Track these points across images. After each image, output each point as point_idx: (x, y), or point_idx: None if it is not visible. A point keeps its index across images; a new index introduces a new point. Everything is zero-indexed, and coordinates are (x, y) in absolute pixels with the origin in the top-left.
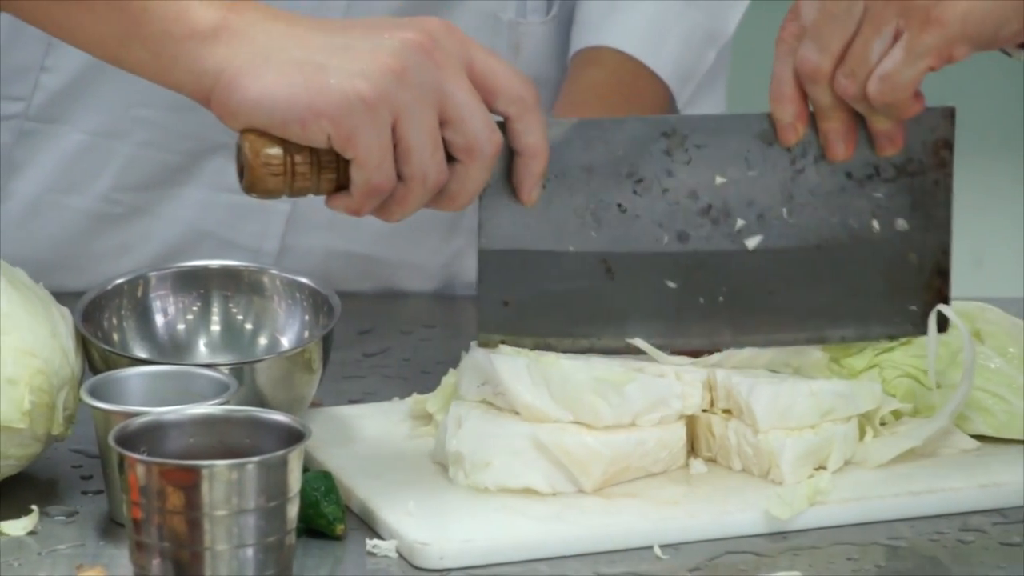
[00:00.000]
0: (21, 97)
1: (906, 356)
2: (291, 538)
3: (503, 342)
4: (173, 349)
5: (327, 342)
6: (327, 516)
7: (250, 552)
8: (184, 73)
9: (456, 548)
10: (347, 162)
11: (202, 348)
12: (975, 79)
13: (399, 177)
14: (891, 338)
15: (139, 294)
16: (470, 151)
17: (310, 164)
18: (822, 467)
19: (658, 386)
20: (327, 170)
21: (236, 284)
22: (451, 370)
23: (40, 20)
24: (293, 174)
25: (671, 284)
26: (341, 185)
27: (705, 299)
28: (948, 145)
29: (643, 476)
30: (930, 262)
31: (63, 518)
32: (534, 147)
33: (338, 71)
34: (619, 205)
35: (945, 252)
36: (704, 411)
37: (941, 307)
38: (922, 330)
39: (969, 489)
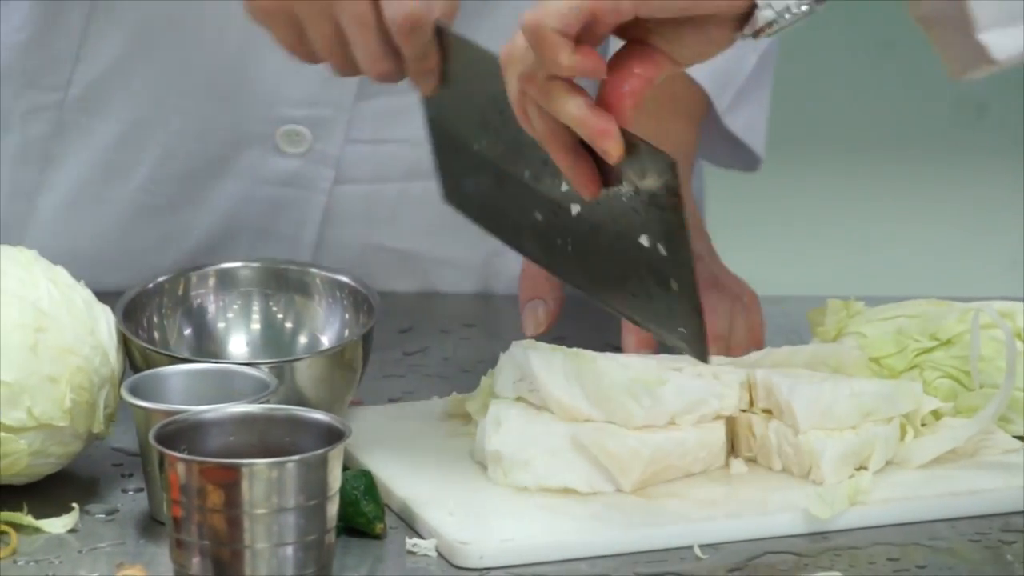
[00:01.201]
0: (57, 87)
1: (947, 356)
2: (331, 537)
3: (459, 206)
4: (214, 347)
5: (367, 341)
6: (367, 515)
7: (290, 550)
8: None
9: (496, 548)
10: None
11: (243, 347)
12: (1007, 80)
13: None
14: (678, 346)
15: (180, 292)
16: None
17: None
18: (863, 467)
19: (695, 387)
20: None
21: (277, 283)
22: (490, 370)
23: None
24: None
25: (538, 216)
26: None
27: (560, 241)
28: (674, 192)
29: (683, 476)
30: (687, 293)
31: (103, 516)
32: (410, 54)
33: None
34: (494, 126)
35: (690, 290)
36: (744, 411)
37: (983, 305)
38: (691, 352)
39: (1010, 490)
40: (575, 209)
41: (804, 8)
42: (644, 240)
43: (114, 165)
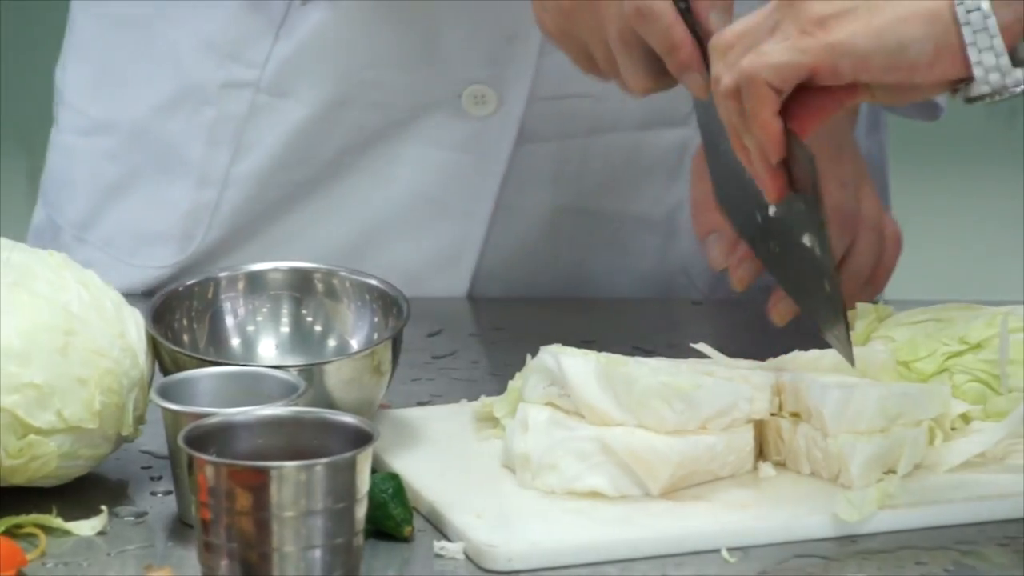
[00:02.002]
0: (255, 64)
1: (976, 360)
2: (359, 539)
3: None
4: (243, 350)
5: (396, 344)
6: (395, 518)
7: (318, 553)
8: None
9: (523, 550)
10: None
11: (272, 350)
12: None
13: None
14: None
15: (209, 295)
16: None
17: None
18: (891, 471)
19: (726, 391)
20: None
21: (306, 286)
22: (518, 373)
23: None
24: None
25: (759, 218)
26: None
27: (771, 242)
28: (815, 186)
29: (711, 480)
30: (834, 296)
31: (132, 519)
32: None
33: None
34: None
35: (838, 294)
36: (772, 415)
37: (1012, 309)
38: (843, 354)
39: None
40: (772, 210)
41: (1020, 89)
42: (806, 239)
43: (301, 148)
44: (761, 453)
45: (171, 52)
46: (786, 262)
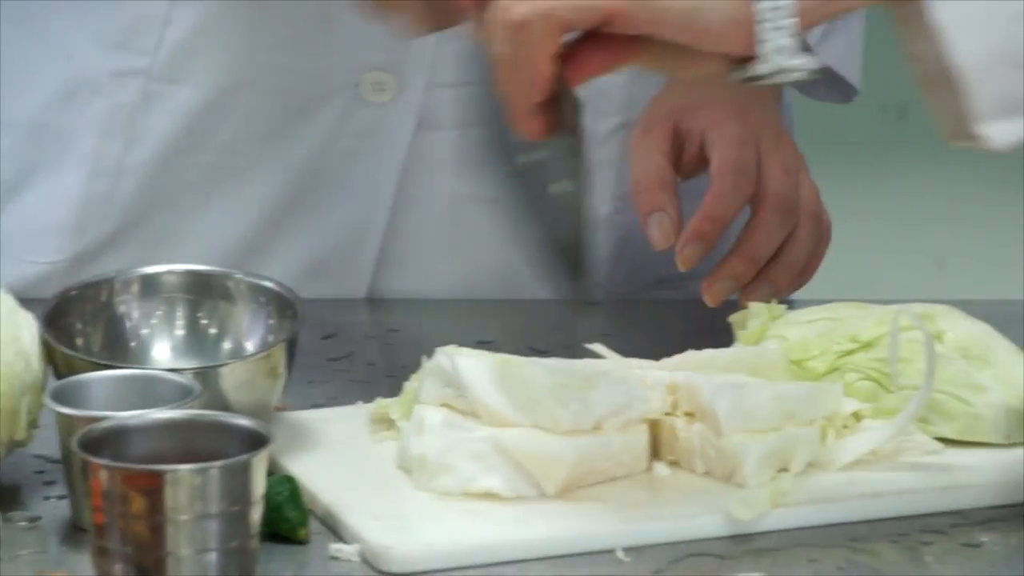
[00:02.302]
0: (146, 51)
1: (868, 359)
2: (254, 543)
3: None
4: (138, 354)
5: (291, 347)
6: (290, 520)
7: (213, 557)
8: None
9: (419, 552)
10: None
11: (167, 353)
12: None
13: None
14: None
15: (103, 298)
16: None
17: None
18: (784, 469)
19: (620, 391)
20: None
21: (201, 289)
22: (413, 375)
23: None
24: None
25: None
26: None
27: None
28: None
29: (606, 480)
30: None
31: (25, 524)
32: None
33: None
34: None
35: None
36: (667, 414)
37: (903, 308)
38: (576, 290)
39: (930, 491)
40: (528, 157)
41: (796, 76)
42: (562, 187)
43: (196, 134)
44: (655, 453)
45: (61, 45)
46: (537, 210)
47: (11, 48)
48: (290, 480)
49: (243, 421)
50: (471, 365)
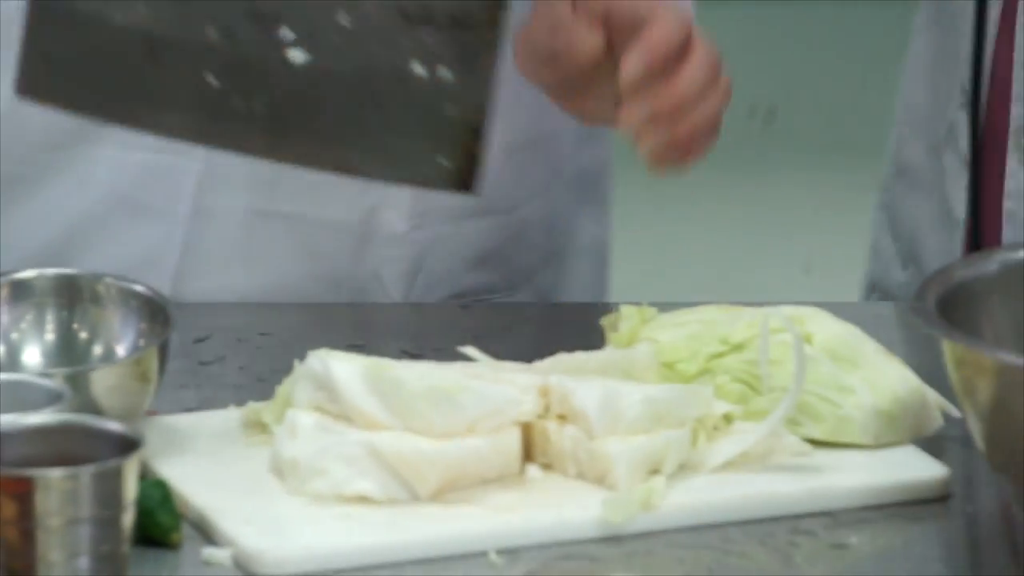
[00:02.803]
0: None
1: (738, 361)
2: (126, 547)
3: (40, 98)
4: (7, 359)
5: (162, 351)
6: (162, 525)
7: (84, 561)
8: None
9: (292, 556)
10: None
11: (37, 357)
12: (797, 85)
13: None
14: (416, 186)
15: None
16: None
17: None
18: (656, 471)
19: (493, 394)
20: None
21: (71, 293)
22: (286, 379)
23: None
24: None
25: (211, 80)
26: None
27: (243, 103)
28: (502, 4)
29: (479, 482)
30: (467, 119)
31: None
32: None
33: None
34: None
35: (481, 111)
36: (539, 417)
37: (772, 310)
38: (447, 186)
39: (799, 493)
40: (299, 57)
41: None
42: (417, 67)
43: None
44: (528, 455)
45: None
46: (299, 119)
47: None
48: (162, 485)
49: (114, 426)
50: (343, 368)
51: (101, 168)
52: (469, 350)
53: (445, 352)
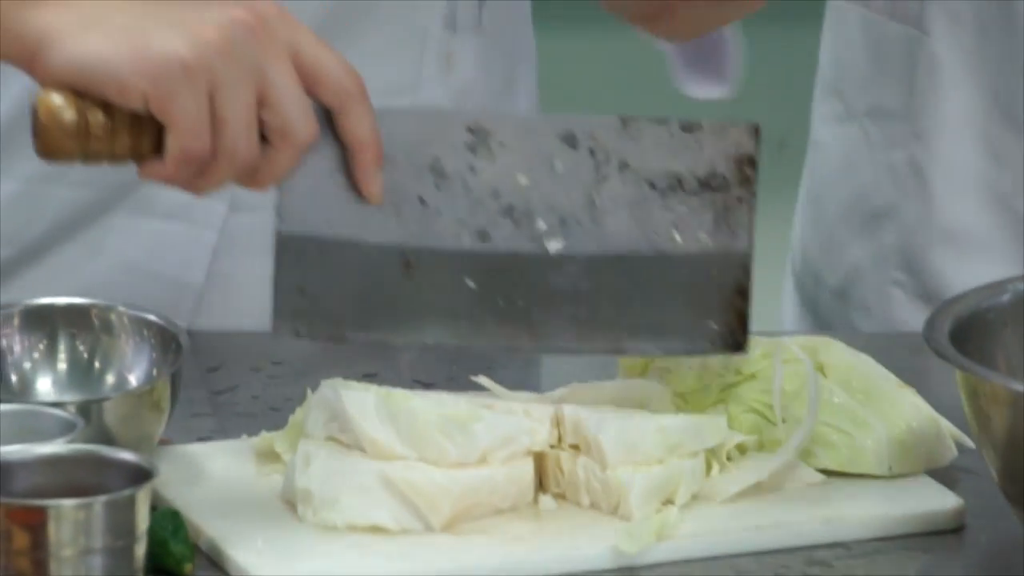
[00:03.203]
0: None
1: (752, 391)
2: None
3: (297, 332)
4: (20, 388)
5: (175, 380)
6: (175, 555)
7: None
8: (9, 36)
9: None
10: (157, 130)
11: (49, 386)
12: (805, 115)
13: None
14: (689, 354)
15: None
16: (283, 135)
17: (105, 126)
18: (670, 502)
19: (506, 423)
20: (123, 133)
21: (83, 322)
22: (299, 408)
23: None
24: (88, 135)
25: (470, 284)
26: (150, 151)
27: (504, 301)
28: (751, 162)
29: (492, 513)
30: (731, 280)
31: None
32: (360, 139)
33: (161, 37)
34: (420, 198)
35: (746, 270)
36: (552, 447)
37: (785, 340)
38: (720, 348)
39: (813, 523)
40: (555, 247)
41: None
42: (675, 237)
43: (8, 226)
44: (541, 485)
45: None
46: (563, 308)
47: None
48: (175, 514)
49: (127, 455)
50: (356, 398)
51: (115, 236)
52: (482, 379)
53: (458, 381)
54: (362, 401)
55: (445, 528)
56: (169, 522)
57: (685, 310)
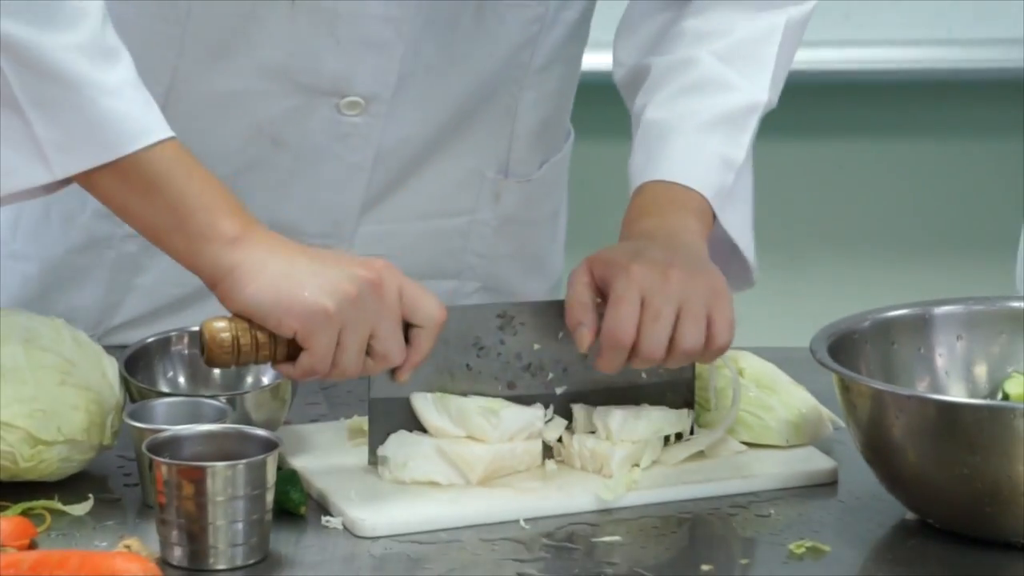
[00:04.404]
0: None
1: (696, 388)
2: (269, 516)
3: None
4: (187, 385)
5: (294, 380)
6: (294, 501)
7: (240, 526)
8: (207, 264)
9: (383, 522)
10: (288, 346)
11: (207, 384)
12: (821, 227)
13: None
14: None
15: (164, 348)
16: (382, 359)
17: (251, 345)
18: (636, 464)
19: (525, 412)
20: (265, 348)
21: None
22: None
23: (106, 198)
24: (239, 351)
25: None
26: (284, 359)
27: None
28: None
29: (512, 473)
30: (682, 396)
31: (110, 503)
32: (416, 350)
33: (311, 289)
34: (467, 365)
35: (691, 389)
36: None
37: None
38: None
39: (735, 479)
40: (560, 389)
41: None
42: (643, 375)
43: (186, 274)
44: (547, 454)
45: (70, 218)
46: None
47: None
48: (294, 473)
49: (260, 432)
50: (421, 397)
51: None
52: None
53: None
54: (425, 398)
55: (480, 483)
56: (290, 478)
57: (652, 422)
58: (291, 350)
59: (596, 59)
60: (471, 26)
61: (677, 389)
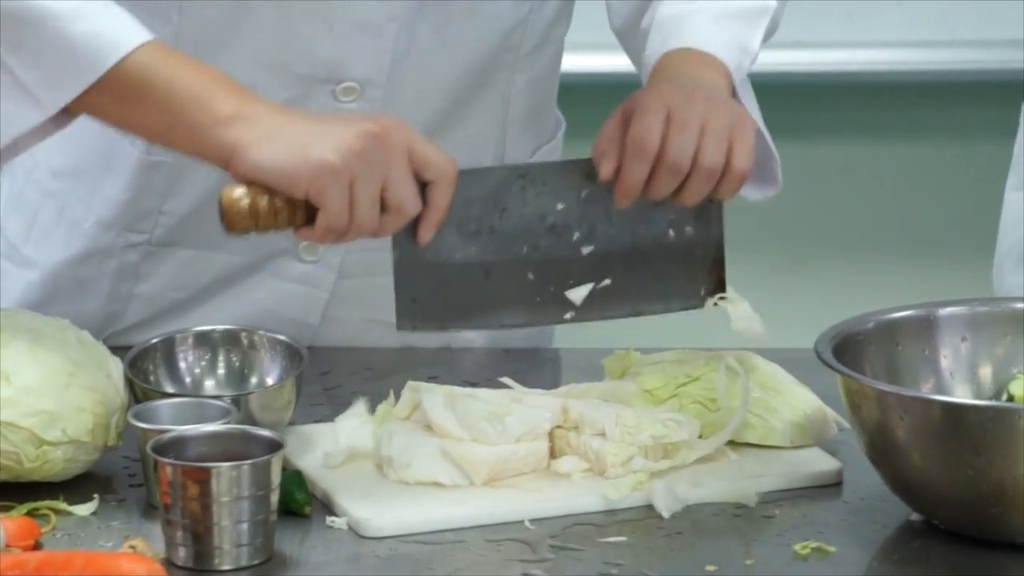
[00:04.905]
0: (145, 231)
1: (696, 389)
2: (274, 516)
3: (414, 327)
4: (192, 386)
5: (298, 380)
6: (298, 501)
7: (245, 526)
8: (212, 147)
9: (389, 522)
10: (307, 209)
11: (212, 385)
12: (870, 142)
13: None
14: (686, 309)
15: (168, 348)
16: (397, 210)
17: (269, 208)
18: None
19: (530, 416)
20: (284, 212)
21: (235, 341)
22: (384, 401)
23: (104, 116)
24: (257, 215)
25: (530, 276)
26: (303, 223)
27: (555, 288)
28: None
29: (517, 474)
30: (710, 256)
31: (115, 503)
32: (435, 204)
33: (317, 147)
34: (490, 228)
35: (720, 249)
36: (559, 427)
37: (724, 353)
38: (702, 303)
39: (739, 480)
40: (587, 249)
41: None
42: (670, 232)
43: (187, 276)
44: (553, 454)
45: (77, 225)
46: (595, 290)
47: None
48: (298, 473)
49: (265, 432)
50: (431, 395)
51: (258, 290)
52: (507, 380)
53: (493, 381)
54: (434, 397)
55: (484, 484)
56: (294, 478)
57: (681, 280)
58: (309, 215)
59: (586, 61)
60: (463, 6)
61: (706, 246)
